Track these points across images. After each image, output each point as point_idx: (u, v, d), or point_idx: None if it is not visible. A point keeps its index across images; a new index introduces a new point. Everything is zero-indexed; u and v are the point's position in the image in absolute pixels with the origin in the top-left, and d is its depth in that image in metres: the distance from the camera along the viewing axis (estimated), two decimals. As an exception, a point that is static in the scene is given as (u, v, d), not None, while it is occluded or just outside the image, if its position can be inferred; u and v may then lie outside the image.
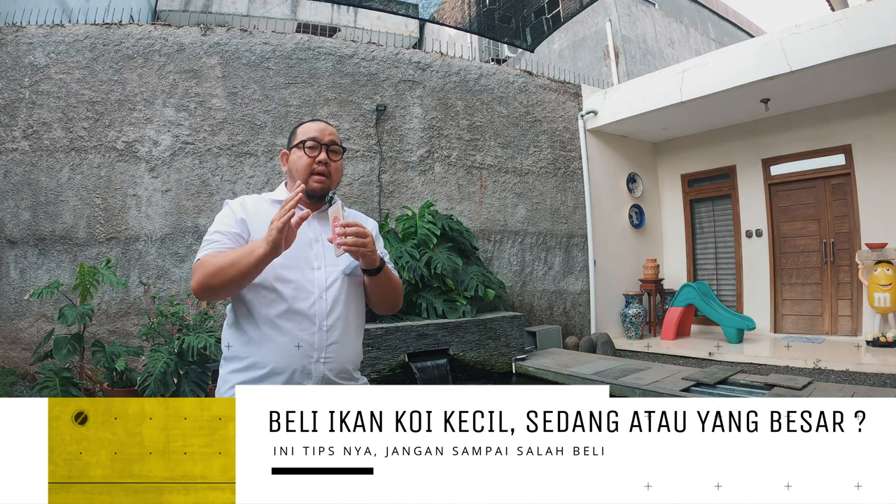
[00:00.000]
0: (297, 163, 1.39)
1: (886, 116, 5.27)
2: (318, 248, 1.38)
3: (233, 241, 1.31)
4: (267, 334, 1.28)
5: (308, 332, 1.30)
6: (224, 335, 1.37)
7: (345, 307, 1.38)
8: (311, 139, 1.38)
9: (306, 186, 1.35)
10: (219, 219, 1.37)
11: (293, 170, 1.40)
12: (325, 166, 1.38)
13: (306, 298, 1.31)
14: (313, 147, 1.38)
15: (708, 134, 6.68)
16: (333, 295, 1.36)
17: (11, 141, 4.28)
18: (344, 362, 1.39)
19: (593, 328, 6.25)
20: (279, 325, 1.29)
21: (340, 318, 1.36)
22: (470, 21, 6.13)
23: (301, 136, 1.40)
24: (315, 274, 1.35)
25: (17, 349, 4.16)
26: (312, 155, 1.37)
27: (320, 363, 1.31)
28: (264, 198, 1.42)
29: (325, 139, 1.39)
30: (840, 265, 5.72)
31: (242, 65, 4.82)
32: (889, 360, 4.40)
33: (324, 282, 1.35)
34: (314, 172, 1.37)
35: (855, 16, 4.31)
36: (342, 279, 1.38)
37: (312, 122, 1.44)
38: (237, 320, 1.33)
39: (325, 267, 1.37)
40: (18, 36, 4.37)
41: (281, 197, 1.40)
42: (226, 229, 1.33)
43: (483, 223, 5.80)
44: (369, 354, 4.08)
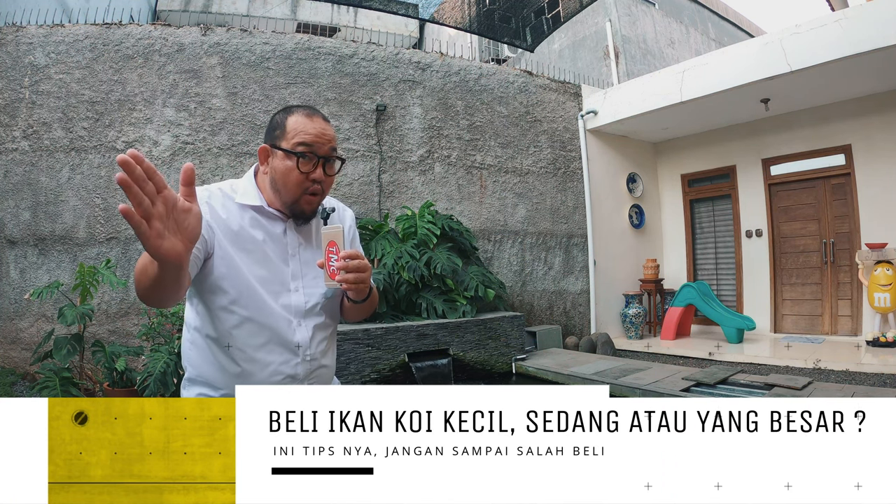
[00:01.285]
0: (285, 176, 1.12)
1: (886, 116, 5.27)
2: (296, 265, 1.17)
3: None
4: (244, 369, 1.12)
5: (290, 365, 1.15)
6: (187, 353, 1.17)
7: (325, 328, 1.22)
8: (307, 148, 1.11)
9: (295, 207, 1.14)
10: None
11: (278, 181, 1.13)
12: (320, 184, 1.14)
13: (286, 328, 1.14)
14: (309, 160, 1.11)
15: (708, 134, 6.68)
16: (315, 321, 1.19)
17: (11, 141, 4.28)
18: (327, 382, 1.27)
19: (593, 328, 6.26)
20: (257, 358, 1.12)
21: (323, 342, 1.21)
22: (470, 21, 6.13)
23: (292, 136, 1.11)
24: (292, 298, 1.16)
25: (17, 349, 4.16)
26: (306, 170, 1.11)
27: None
28: (228, 195, 1.16)
29: (323, 149, 1.12)
30: (840, 265, 5.72)
31: (242, 65, 4.82)
32: (889, 360, 4.40)
33: (303, 306, 1.17)
34: (307, 192, 1.13)
35: (855, 16, 4.31)
36: (322, 302, 1.21)
37: (307, 116, 1.14)
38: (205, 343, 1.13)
39: (304, 289, 1.17)
40: (18, 36, 4.37)
41: (249, 201, 1.14)
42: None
43: (483, 223, 5.80)
44: (369, 354, 4.09)
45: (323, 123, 1.15)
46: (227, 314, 1.11)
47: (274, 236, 1.16)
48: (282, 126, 1.14)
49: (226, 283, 1.10)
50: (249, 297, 1.11)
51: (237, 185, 1.18)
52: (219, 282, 1.10)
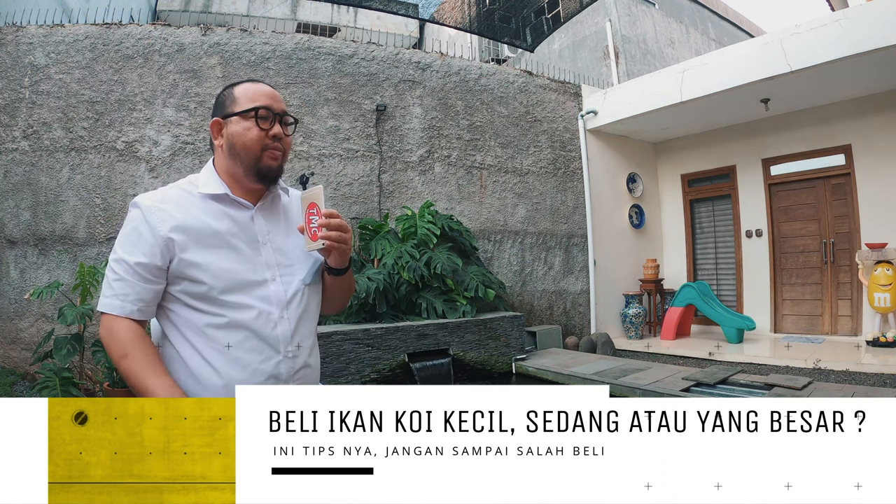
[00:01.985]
0: (243, 136, 1.08)
1: (886, 116, 5.27)
2: (269, 253, 1.11)
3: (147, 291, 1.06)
4: (220, 371, 1.06)
5: (271, 364, 1.09)
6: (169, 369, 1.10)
7: (308, 321, 1.16)
8: (264, 108, 1.09)
9: (259, 166, 1.10)
10: (127, 238, 1.06)
11: (236, 145, 1.09)
12: (280, 141, 1.11)
13: (265, 323, 1.08)
14: (266, 117, 1.09)
15: (708, 134, 6.68)
16: (296, 312, 1.12)
17: (11, 141, 4.28)
18: (313, 382, 1.20)
19: (593, 328, 6.25)
20: (235, 357, 1.07)
21: (307, 338, 1.15)
22: (470, 21, 6.13)
23: (246, 102, 1.10)
24: (270, 288, 1.09)
25: (17, 349, 4.16)
26: (265, 127, 1.09)
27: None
28: (187, 191, 1.12)
29: (277, 107, 1.11)
30: (840, 265, 5.72)
31: (242, 65, 4.82)
32: (889, 360, 4.40)
33: (283, 297, 1.11)
34: (267, 148, 1.10)
35: (855, 16, 4.31)
36: (302, 290, 1.14)
37: (253, 83, 1.13)
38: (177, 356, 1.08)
39: (280, 277, 1.11)
40: (18, 36, 4.37)
41: (211, 189, 1.11)
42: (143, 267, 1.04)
43: (483, 223, 5.80)
44: (369, 354, 4.08)
45: (269, 88, 1.14)
46: (200, 316, 1.07)
47: (241, 225, 1.11)
48: (231, 97, 1.12)
49: (193, 287, 1.06)
50: (222, 295, 1.06)
51: (196, 178, 1.15)
52: (187, 288, 1.07)
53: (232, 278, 1.06)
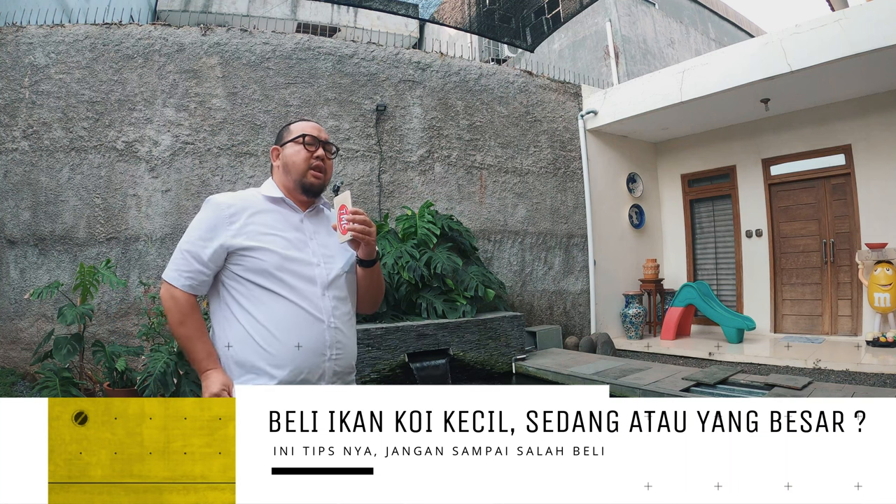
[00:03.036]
0: (294, 157, 1.38)
1: (886, 116, 5.27)
2: (315, 246, 1.37)
3: (200, 273, 1.30)
4: (276, 336, 1.25)
5: (317, 331, 1.29)
6: (221, 333, 1.31)
7: (345, 303, 1.38)
8: (311, 136, 1.39)
9: (304, 181, 1.38)
10: (197, 229, 1.32)
11: (289, 164, 1.39)
12: (322, 162, 1.40)
13: (310, 297, 1.30)
14: (312, 143, 1.39)
15: (708, 134, 6.68)
16: (335, 292, 1.35)
17: (11, 141, 4.28)
18: (350, 357, 1.38)
19: (593, 328, 6.25)
20: (288, 325, 1.27)
21: (344, 315, 1.37)
22: (470, 21, 6.13)
23: (297, 131, 1.40)
24: (315, 271, 1.34)
25: (17, 349, 4.16)
26: (311, 150, 1.38)
27: (332, 360, 1.30)
28: (253, 193, 1.40)
29: (322, 137, 1.42)
30: (840, 265, 5.72)
31: (242, 65, 4.82)
32: (889, 360, 4.40)
33: (325, 278, 1.34)
34: (312, 167, 1.38)
35: (855, 16, 4.31)
36: (341, 276, 1.38)
37: (304, 120, 1.47)
38: (236, 322, 1.29)
39: (324, 264, 1.36)
40: (18, 36, 4.37)
41: (272, 193, 1.39)
42: (198, 254, 1.29)
43: (483, 223, 5.80)
44: (369, 354, 4.08)
45: (317, 124, 1.46)
46: (258, 289, 1.28)
47: (292, 223, 1.38)
48: (288, 129, 1.44)
49: (253, 263, 1.29)
50: (277, 271, 1.28)
51: (260, 188, 1.43)
52: (249, 264, 1.29)
53: (284, 258, 1.29)
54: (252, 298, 1.28)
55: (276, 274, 1.28)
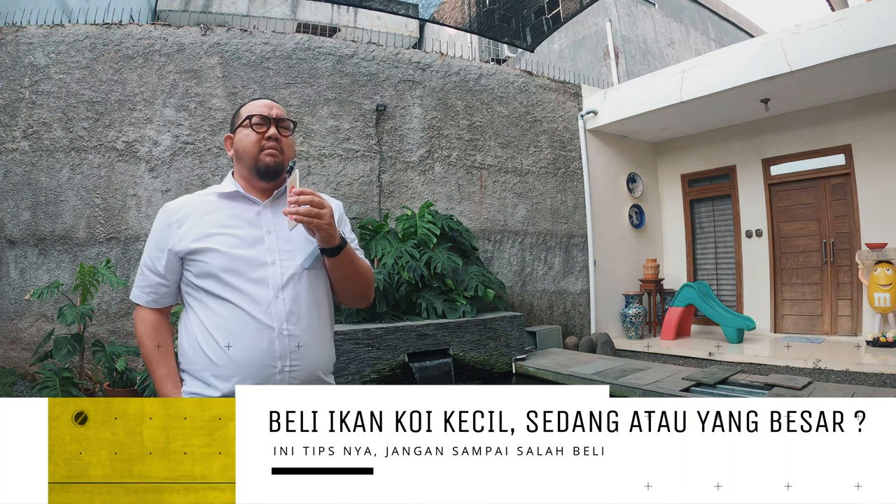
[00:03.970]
0: (243, 142, 1.27)
1: (886, 116, 5.27)
2: (272, 240, 1.24)
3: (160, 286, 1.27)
4: (221, 346, 1.16)
5: (266, 339, 1.16)
6: (179, 346, 1.26)
7: (308, 306, 1.23)
8: (258, 115, 1.27)
9: (258, 164, 1.26)
10: (150, 241, 1.28)
11: (240, 151, 1.28)
12: (276, 141, 1.27)
13: (260, 301, 1.18)
14: (260, 123, 1.26)
15: (708, 134, 6.68)
16: (291, 293, 1.21)
17: (11, 141, 4.28)
18: (313, 369, 1.23)
19: (593, 328, 6.25)
20: (233, 333, 1.16)
21: (303, 320, 1.21)
22: (470, 21, 6.13)
23: (245, 113, 1.29)
24: (269, 271, 1.20)
25: (17, 349, 4.16)
26: (261, 130, 1.26)
27: (285, 373, 1.17)
28: (209, 192, 1.30)
29: (272, 113, 1.28)
30: (840, 265, 5.72)
31: (242, 65, 4.82)
32: (889, 360, 4.40)
33: (279, 279, 1.20)
34: (264, 148, 1.25)
35: (855, 16, 4.31)
36: (301, 274, 1.24)
37: (253, 100, 1.33)
38: (190, 329, 1.23)
39: (280, 261, 1.22)
40: (18, 36, 4.37)
41: (226, 189, 1.29)
42: (154, 266, 1.26)
43: (483, 223, 5.80)
44: (369, 354, 4.08)
45: (268, 101, 1.32)
46: (204, 293, 1.21)
47: (247, 218, 1.26)
48: (237, 114, 1.33)
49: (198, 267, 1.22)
50: (223, 274, 1.19)
51: (217, 185, 1.35)
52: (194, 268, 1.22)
53: (231, 259, 1.20)
54: (203, 305, 1.21)
55: (222, 277, 1.18)
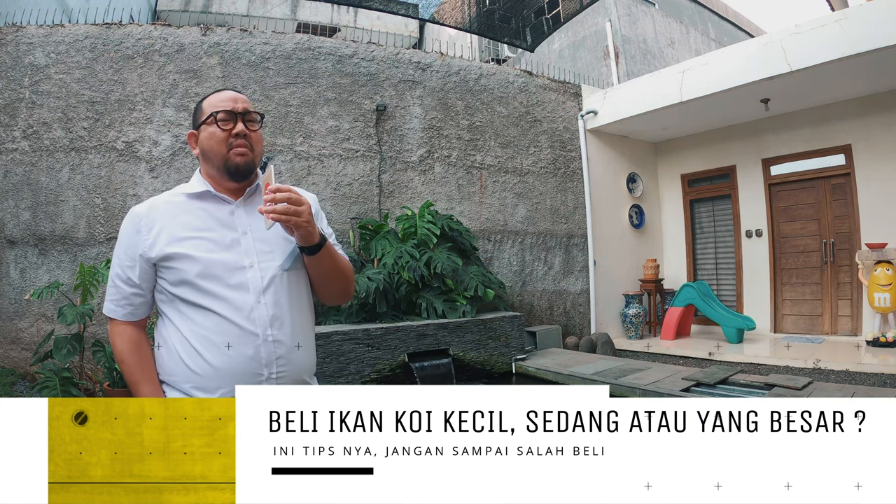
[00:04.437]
0: (209, 140, 1.18)
1: (886, 116, 5.27)
2: (248, 242, 1.17)
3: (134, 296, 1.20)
4: (203, 356, 1.12)
5: (251, 346, 1.12)
6: (157, 356, 1.20)
7: (290, 309, 1.19)
8: (223, 111, 1.18)
9: (227, 164, 1.18)
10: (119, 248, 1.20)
11: (206, 149, 1.19)
12: (245, 138, 1.18)
13: (242, 307, 1.12)
14: (226, 119, 1.18)
15: (708, 134, 6.68)
16: (273, 297, 1.16)
17: (11, 141, 4.28)
18: (299, 373, 1.20)
19: (593, 328, 6.25)
20: (215, 342, 1.11)
21: (288, 324, 1.17)
22: (470, 21, 6.13)
23: (209, 109, 1.19)
24: (248, 274, 1.15)
25: (17, 349, 4.16)
26: (227, 128, 1.17)
27: (272, 380, 1.14)
28: (176, 193, 1.23)
29: (238, 107, 1.19)
30: (840, 265, 5.72)
31: (242, 65, 4.82)
32: (889, 360, 4.40)
33: (259, 283, 1.15)
34: (232, 147, 1.17)
35: (855, 16, 4.31)
36: (282, 276, 1.18)
37: (216, 92, 1.24)
38: (168, 339, 1.17)
39: (259, 264, 1.16)
40: (18, 36, 4.37)
41: (195, 189, 1.22)
42: (126, 276, 1.19)
43: (483, 223, 5.80)
44: (369, 354, 4.08)
45: (232, 92, 1.22)
46: (181, 302, 1.15)
47: (220, 219, 1.20)
48: (199, 110, 1.23)
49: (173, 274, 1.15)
50: (199, 280, 1.13)
51: (184, 185, 1.26)
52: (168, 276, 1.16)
53: (207, 264, 1.13)
54: (180, 314, 1.15)
55: (198, 284, 1.12)
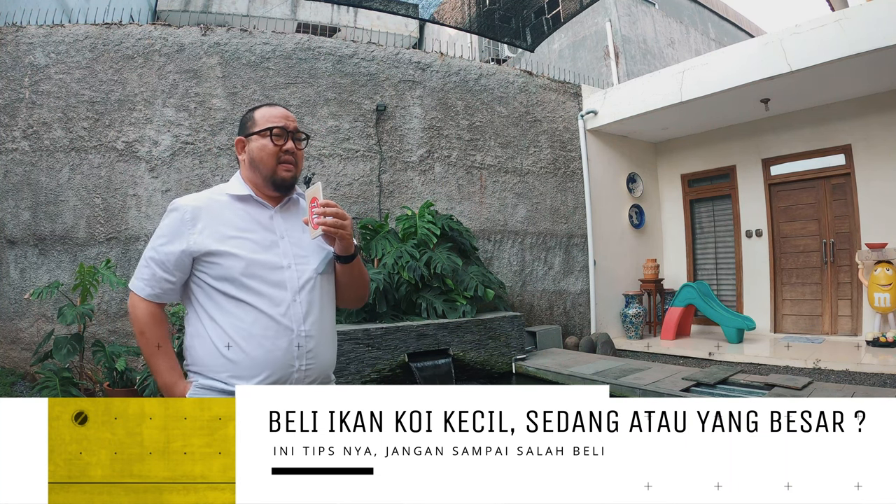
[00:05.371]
0: (260, 151, 1.28)
1: (886, 116, 5.26)
2: (286, 245, 1.27)
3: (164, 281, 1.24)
4: (241, 347, 1.18)
5: (285, 341, 1.20)
6: (189, 347, 1.25)
7: (320, 308, 1.28)
8: (278, 128, 1.28)
9: (274, 177, 1.28)
10: (161, 236, 1.25)
11: (256, 159, 1.28)
12: (292, 155, 1.29)
13: (279, 303, 1.21)
14: (280, 135, 1.28)
15: (708, 134, 6.68)
16: (307, 297, 1.25)
17: (11, 141, 4.28)
18: (325, 368, 1.29)
19: (593, 328, 6.25)
20: (254, 335, 1.18)
21: (317, 322, 1.26)
22: (470, 21, 6.13)
23: (263, 122, 1.29)
24: (285, 274, 1.24)
25: (17, 349, 4.16)
26: (279, 143, 1.27)
27: (301, 371, 1.21)
28: (219, 192, 1.31)
29: (290, 126, 1.30)
30: (840, 265, 5.72)
31: (242, 65, 4.82)
32: (889, 360, 4.40)
33: (296, 282, 1.24)
34: (281, 161, 1.28)
35: (854, 16, 4.31)
36: (315, 278, 1.28)
37: (271, 106, 1.34)
38: (203, 331, 1.22)
39: (296, 266, 1.26)
40: (18, 36, 4.37)
41: (238, 191, 1.30)
42: (163, 262, 1.23)
43: (483, 223, 5.80)
44: (369, 354, 4.08)
45: (284, 110, 1.33)
46: (222, 296, 1.21)
47: (261, 222, 1.28)
48: (252, 119, 1.32)
49: (217, 270, 1.21)
50: (242, 277, 1.20)
51: (225, 186, 1.34)
52: (212, 270, 1.22)
53: (250, 263, 1.21)
54: (219, 307, 1.21)
55: (242, 280, 1.20)
